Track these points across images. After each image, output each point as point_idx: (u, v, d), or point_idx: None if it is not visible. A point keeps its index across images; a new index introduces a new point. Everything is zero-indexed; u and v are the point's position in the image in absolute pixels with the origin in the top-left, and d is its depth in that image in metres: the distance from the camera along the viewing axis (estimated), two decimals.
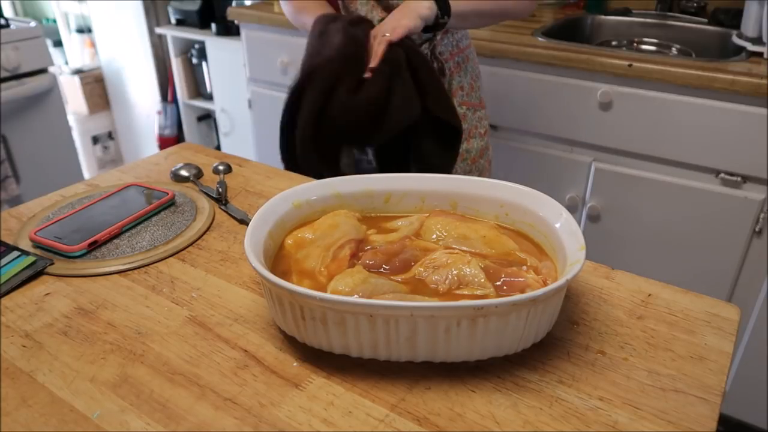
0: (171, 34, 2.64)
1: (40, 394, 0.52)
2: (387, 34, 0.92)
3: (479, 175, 1.25)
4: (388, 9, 1.05)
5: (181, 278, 0.67)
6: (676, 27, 1.81)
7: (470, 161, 1.22)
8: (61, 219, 0.76)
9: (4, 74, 2.12)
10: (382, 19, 1.03)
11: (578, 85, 1.52)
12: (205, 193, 0.86)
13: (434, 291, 0.56)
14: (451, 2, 0.99)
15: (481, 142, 1.23)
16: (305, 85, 0.91)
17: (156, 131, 2.92)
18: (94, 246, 0.72)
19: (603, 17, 1.91)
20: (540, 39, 1.61)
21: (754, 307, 1.47)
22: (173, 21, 2.66)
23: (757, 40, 1.47)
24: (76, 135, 2.94)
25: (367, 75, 0.90)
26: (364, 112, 0.89)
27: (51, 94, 2.29)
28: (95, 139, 3.12)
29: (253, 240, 0.58)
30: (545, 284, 0.55)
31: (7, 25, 2.18)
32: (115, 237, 0.74)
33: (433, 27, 1.00)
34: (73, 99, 3.01)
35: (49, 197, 0.86)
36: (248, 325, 0.60)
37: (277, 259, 0.62)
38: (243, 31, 2.12)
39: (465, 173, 1.22)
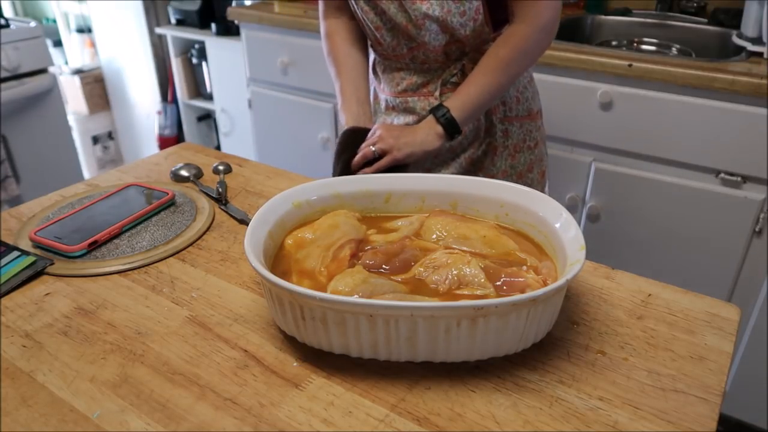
0: (171, 34, 2.64)
1: (40, 394, 0.52)
2: (394, 152, 0.97)
3: None
4: (382, 13, 1.01)
5: (181, 278, 0.67)
6: (676, 27, 1.81)
7: (515, 176, 1.15)
8: (61, 219, 0.76)
9: (4, 74, 2.12)
10: (379, 17, 1.02)
11: (578, 85, 1.52)
12: (205, 193, 0.86)
13: (434, 291, 0.56)
14: (461, 108, 0.98)
15: (531, 156, 1.14)
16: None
17: (156, 131, 2.92)
18: (94, 246, 0.72)
19: (603, 17, 1.91)
20: None
21: (754, 307, 1.47)
22: (173, 21, 2.66)
23: (757, 40, 1.46)
24: (76, 135, 2.94)
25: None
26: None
27: (51, 94, 2.29)
28: (95, 139, 3.11)
29: (253, 240, 0.58)
30: (545, 284, 0.55)
31: (7, 25, 2.18)
32: (115, 237, 0.74)
33: (452, 137, 1.00)
34: (73, 99, 3.01)
35: (49, 197, 0.86)
36: (248, 325, 0.60)
37: (277, 259, 0.62)
38: (243, 31, 2.12)
39: None
